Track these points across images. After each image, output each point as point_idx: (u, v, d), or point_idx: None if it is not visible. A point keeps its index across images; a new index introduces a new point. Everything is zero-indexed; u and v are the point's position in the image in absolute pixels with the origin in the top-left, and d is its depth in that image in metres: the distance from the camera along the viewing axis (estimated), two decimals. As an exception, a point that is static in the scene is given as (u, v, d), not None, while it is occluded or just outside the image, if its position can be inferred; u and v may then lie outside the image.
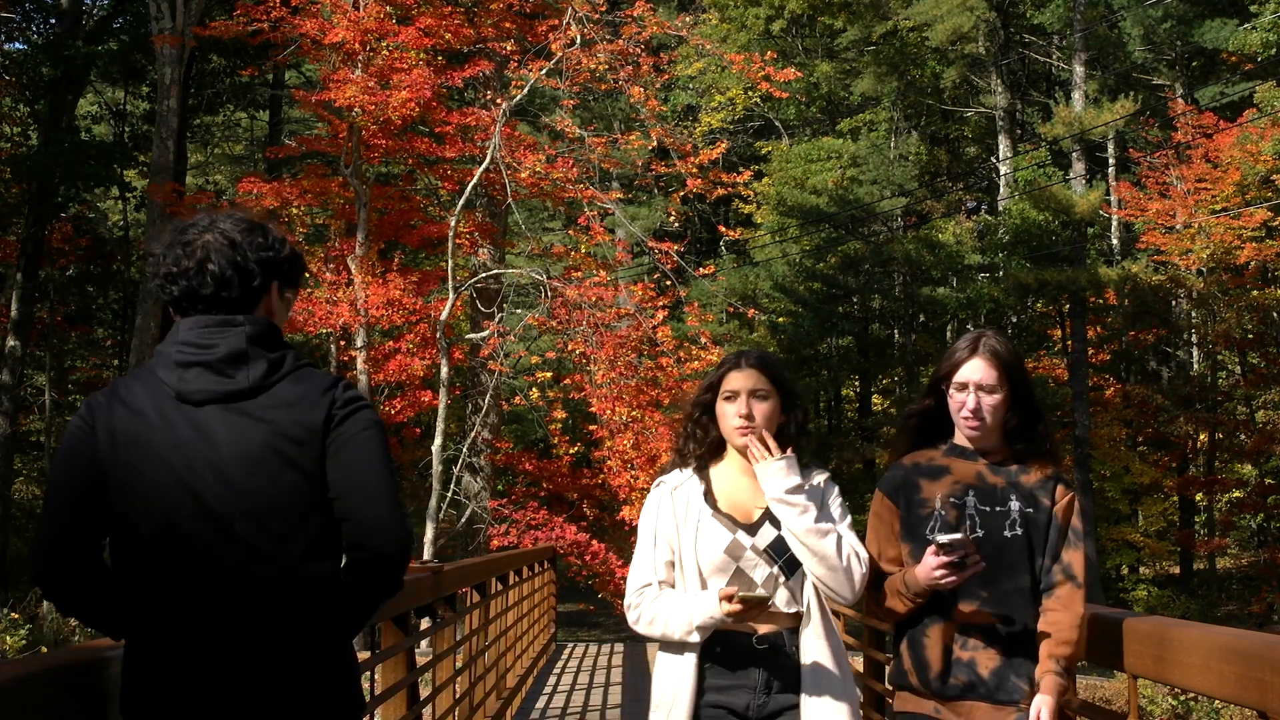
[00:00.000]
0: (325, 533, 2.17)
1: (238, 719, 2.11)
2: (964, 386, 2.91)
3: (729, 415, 2.93)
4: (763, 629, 2.87)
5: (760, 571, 2.87)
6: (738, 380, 2.93)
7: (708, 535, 2.90)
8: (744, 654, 2.86)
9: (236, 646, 2.10)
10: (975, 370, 2.91)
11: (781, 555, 2.88)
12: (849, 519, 2.91)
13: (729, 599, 2.77)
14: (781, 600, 2.88)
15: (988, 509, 2.90)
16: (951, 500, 2.92)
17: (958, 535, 2.74)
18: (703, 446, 2.98)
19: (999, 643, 2.86)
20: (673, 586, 2.93)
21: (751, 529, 2.89)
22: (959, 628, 2.88)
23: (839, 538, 2.84)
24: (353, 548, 2.17)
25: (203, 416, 2.15)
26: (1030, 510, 2.89)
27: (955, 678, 2.87)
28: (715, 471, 3.00)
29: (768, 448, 2.87)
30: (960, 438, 2.98)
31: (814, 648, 2.86)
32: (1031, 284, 21.85)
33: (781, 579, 2.88)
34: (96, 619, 2.21)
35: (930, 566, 2.78)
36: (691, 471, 3.01)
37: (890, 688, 3.30)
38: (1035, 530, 2.88)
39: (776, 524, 2.87)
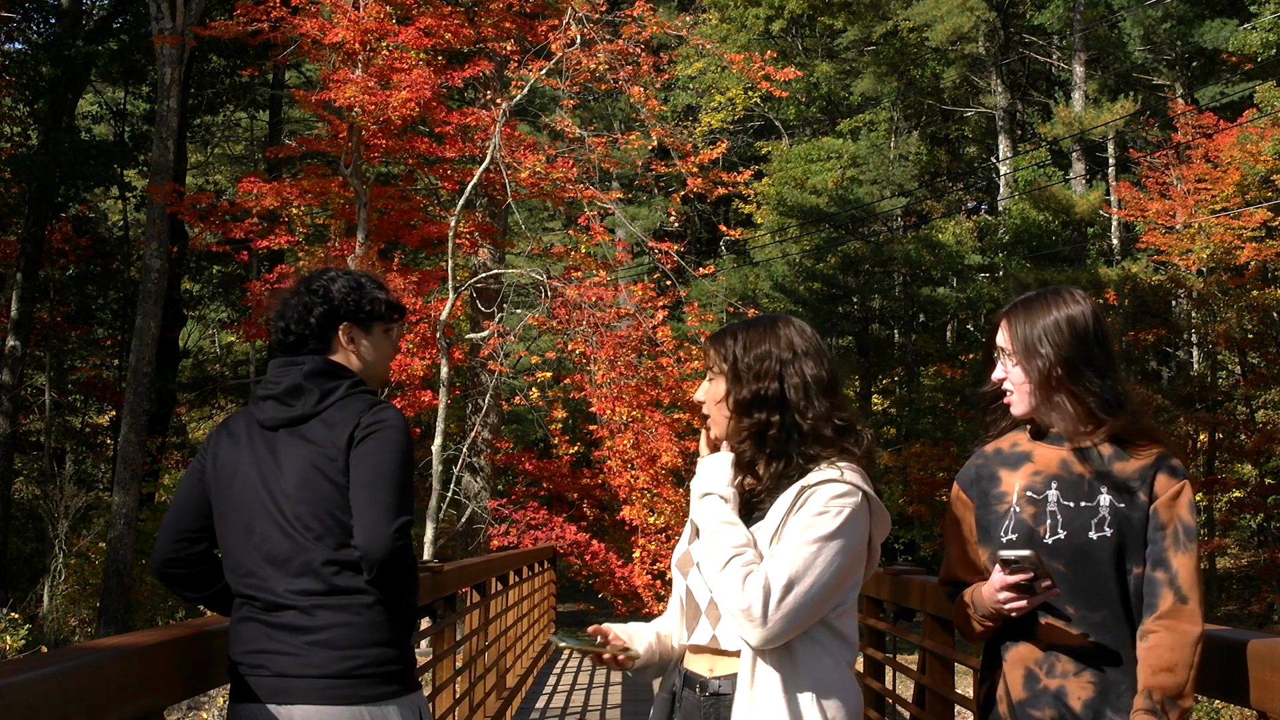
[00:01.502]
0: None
1: (299, 674, 2.55)
2: (999, 352, 2.54)
3: None
4: (718, 670, 2.32)
5: (705, 595, 2.34)
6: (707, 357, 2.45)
7: (681, 542, 2.45)
8: (694, 703, 2.35)
9: (295, 615, 2.58)
10: (999, 334, 2.54)
11: None
12: (812, 535, 2.20)
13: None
14: (726, 635, 2.30)
15: (1071, 504, 2.41)
16: (1029, 494, 2.45)
17: (1025, 552, 2.33)
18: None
19: (1092, 667, 2.38)
20: None
21: None
22: (1044, 649, 2.42)
23: (732, 560, 2.20)
24: (355, 546, 2.58)
25: (275, 439, 2.67)
26: (1123, 505, 2.38)
27: (1040, 710, 2.41)
28: None
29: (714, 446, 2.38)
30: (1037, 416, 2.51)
31: (750, 699, 2.21)
32: (1031, 284, 21.82)
33: None
34: (202, 600, 2.79)
35: (995, 587, 2.39)
36: None
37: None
38: (1129, 530, 2.37)
39: None
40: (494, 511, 15.94)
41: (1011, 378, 2.50)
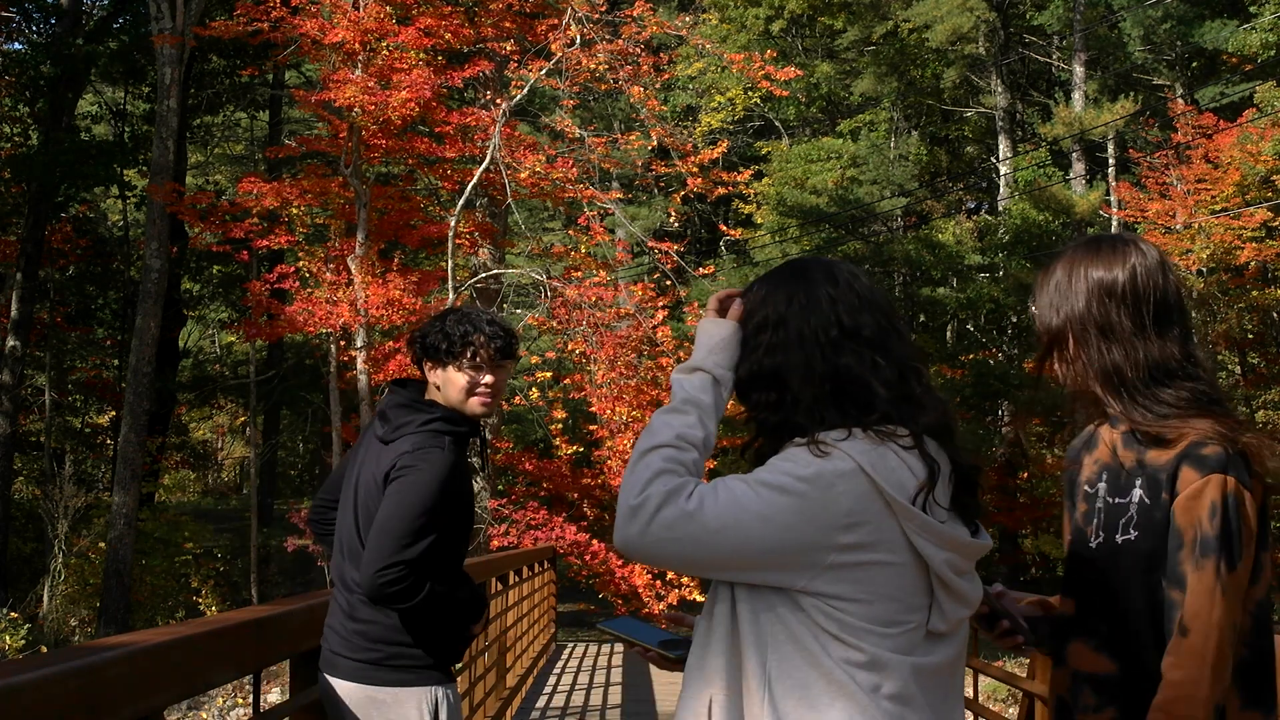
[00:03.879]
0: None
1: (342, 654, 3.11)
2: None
3: None
4: None
5: None
6: None
7: None
8: None
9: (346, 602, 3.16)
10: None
11: None
12: (738, 490, 1.68)
13: None
14: None
15: (1112, 500, 2.00)
16: (1085, 488, 2.07)
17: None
18: None
19: (1116, 704, 1.95)
20: None
21: None
22: (1071, 675, 2.03)
23: (659, 451, 1.72)
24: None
25: (375, 448, 3.16)
26: (1149, 502, 1.94)
27: None
28: None
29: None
30: None
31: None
32: (1032, 284, 21.84)
33: None
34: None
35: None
36: None
37: None
38: (1153, 534, 1.93)
39: None
40: (494, 511, 15.94)
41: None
